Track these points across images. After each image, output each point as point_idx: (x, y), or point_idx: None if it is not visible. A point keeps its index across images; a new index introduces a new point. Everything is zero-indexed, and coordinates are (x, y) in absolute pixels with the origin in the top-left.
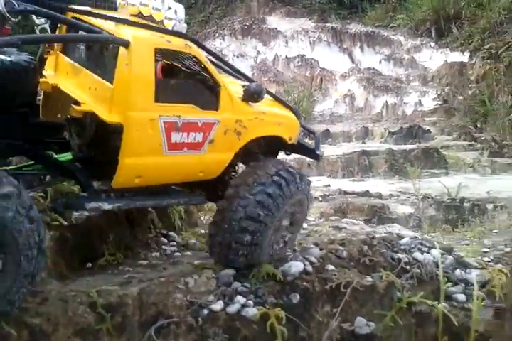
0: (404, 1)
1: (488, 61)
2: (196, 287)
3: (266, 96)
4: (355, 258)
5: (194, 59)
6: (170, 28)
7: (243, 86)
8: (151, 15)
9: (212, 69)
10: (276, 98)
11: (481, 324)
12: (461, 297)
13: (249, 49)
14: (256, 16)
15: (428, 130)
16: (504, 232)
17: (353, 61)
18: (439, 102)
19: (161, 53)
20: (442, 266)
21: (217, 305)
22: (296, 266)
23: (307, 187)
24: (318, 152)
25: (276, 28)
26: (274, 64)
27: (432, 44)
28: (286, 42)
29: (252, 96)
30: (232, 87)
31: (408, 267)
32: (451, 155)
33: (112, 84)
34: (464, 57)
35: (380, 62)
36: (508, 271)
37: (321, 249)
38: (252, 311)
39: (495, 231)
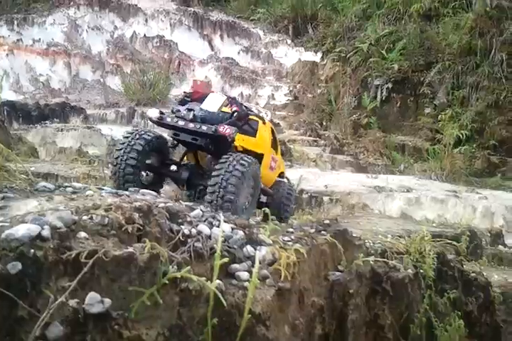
0: None
1: (338, 63)
2: None
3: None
4: (121, 225)
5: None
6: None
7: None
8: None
9: (275, 133)
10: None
11: (259, 305)
12: (244, 275)
13: (106, 23)
14: None
15: (278, 124)
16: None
17: (212, 49)
18: (291, 98)
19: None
20: (225, 240)
21: None
22: (26, 230)
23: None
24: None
25: (136, 5)
26: (132, 41)
27: (289, 41)
28: (146, 21)
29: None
30: None
31: (189, 240)
32: (297, 149)
33: (254, 137)
34: (316, 57)
35: (239, 53)
36: (304, 252)
37: (77, 214)
38: None
39: (322, 219)
